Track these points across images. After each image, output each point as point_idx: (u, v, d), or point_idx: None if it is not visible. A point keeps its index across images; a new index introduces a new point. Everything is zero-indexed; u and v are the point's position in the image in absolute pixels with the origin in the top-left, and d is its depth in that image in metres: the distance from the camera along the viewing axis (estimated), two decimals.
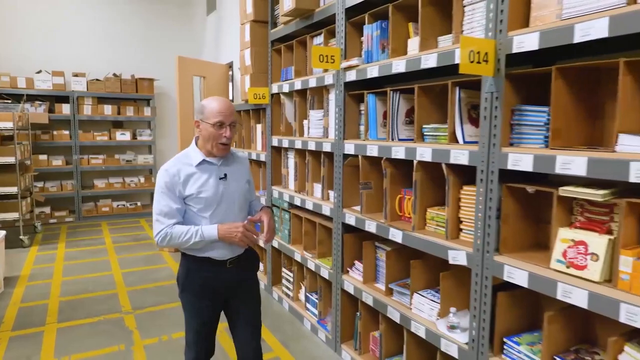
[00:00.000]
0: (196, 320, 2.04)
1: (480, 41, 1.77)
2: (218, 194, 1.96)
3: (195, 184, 1.93)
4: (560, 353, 1.72)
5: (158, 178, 1.95)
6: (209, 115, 1.91)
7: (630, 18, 1.35)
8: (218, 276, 2.01)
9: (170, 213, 1.91)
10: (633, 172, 1.36)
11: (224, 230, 1.91)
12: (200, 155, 1.97)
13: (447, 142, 2.12)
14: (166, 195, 1.91)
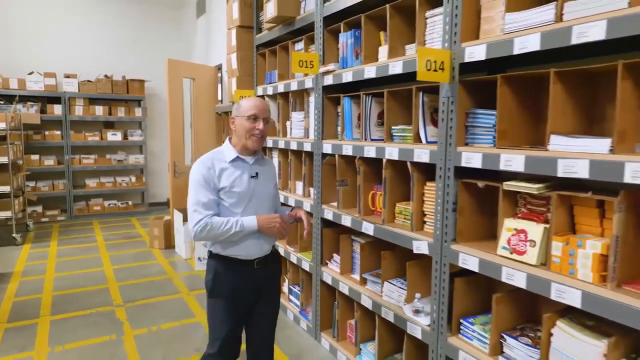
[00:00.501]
0: (226, 325, 2.02)
1: (436, 51, 1.96)
2: (250, 190, 2.01)
3: (228, 178, 1.97)
4: (508, 331, 1.92)
5: (194, 170, 1.98)
6: (244, 110, 2.00)
7: (558, 34, 1.55)
8: (247, 277, 2.03)
9: (208, 204, 1.92)
10: (560, 168, 1.56)
11: (263, 220, 1.97)
12: (233, 152, 2.02)
13: (412, 142, 2.31)
14: (203, 187, 1.93)
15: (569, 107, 1.68)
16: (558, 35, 1.55)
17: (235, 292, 2.01)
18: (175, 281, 4.55)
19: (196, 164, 1.99)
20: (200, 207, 1.92)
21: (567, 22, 1.54)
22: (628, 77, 1.44)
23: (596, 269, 1.53)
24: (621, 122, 1.45)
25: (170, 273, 4.81)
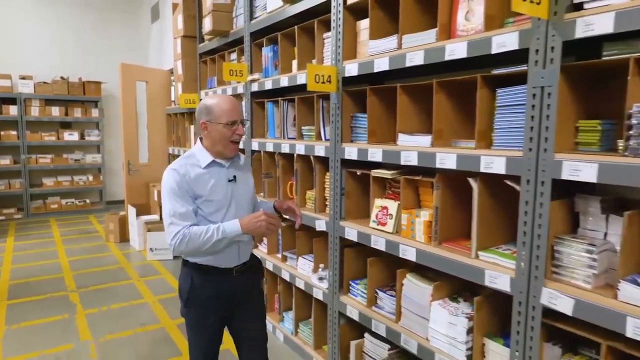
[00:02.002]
0: (203, 338, 1.93)
1: (324, 67, 2.48)
2: (228, 196, 1.87)
3: (205, 185, 1.82)
4: (381, 287, 2.45)
5: (166, 179, 1.80)
6: (219, 115, 1.82)
7: (398, 58, 2.08)
8: (225, 286, 1.90)
9: (185, 214, 1.75)
10: (402, 158, 2.09)
11: (246, 222, 1.78)
12: (208, 157, 1.86)
13: (315, 140, 2.82)
14: (178, 195, 1.77)
15: (413, 112, 2.21)
16: (398, 59, 2.08)
17: (211, 301, 1.89)
18: (127, 270, 4.92)
19: (168, 172, 1.82)
20: (177, 219, 1.74)
21: (404, 50, 2.07)
22: (441, 91, 1.98)
23: (425, 232, 2.07)
24: (437, 124, 1.99)
25: (123, 263, 5.17)
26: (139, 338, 3.33)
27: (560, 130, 1.53)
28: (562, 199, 1.60)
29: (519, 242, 1.63)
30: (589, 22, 1.38)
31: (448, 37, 1.91)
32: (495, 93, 1.78)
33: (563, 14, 1.45)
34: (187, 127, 5.01)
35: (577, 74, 1.52)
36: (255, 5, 3.42)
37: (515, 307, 1.66)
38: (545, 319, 1.59)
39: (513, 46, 1.60)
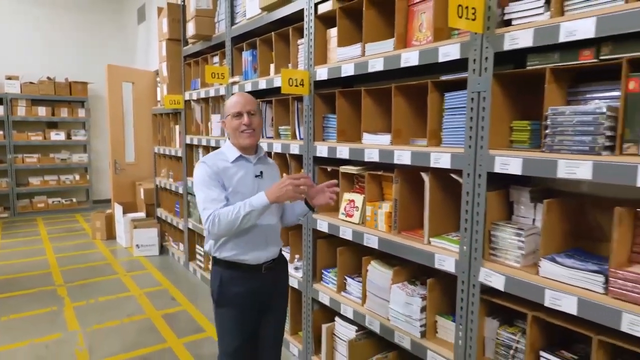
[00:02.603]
0: (236, 337, 1.94)
1: (297, 72, 2.68)
2: (255, 190, 1.89)
3: (232, 178, 1.89)
4: (350, 274, 2.66)
5: (198, 171, 1.89)
6: (227, 110, 1.94)
7: (362, 64, 2.29)
8: (254, 283, 1.93)
9: (216, 198, 1.82)
10: (366, 155, 2.30)
11: (272, 191, 1.78)
12: (235, 152, 1.94)
13: (291, 139, 3.02)
14: (209, 184, 1.84)
15: (376, 114, 2.43)
16: (362, 65, 2.30)
17: (243, 300, 1.91)
18: (114, 265, 5.07)
19: (199, 165, 1.92)
20: (209, 203, 1.81)
21: (366, 57, 2.29)
22: (399, 94, 2.20)
23: (386, 222, 2.29)
24: (396, 124, 2.21)
25: (109, 259, 5.32)
26: (125, 328, 3.50)
27: (496, 130, 1.76)
28: (498, 190, 1.82)
29: (461, 228, 1.85)
30: (515, 36, 1.61)
31: (404, 47, 2.13)
32: (444, 97, 2.00)
33: (494, 29, 1.68)
34: (173, 127, 5.17)
35: (508, 81, 1.74)
36: (236, 11, 3.61)
37: (459, 285, 1.88)
38: (484, 295, 1.81)
39: (455, 56, 1.82)
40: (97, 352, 3.11)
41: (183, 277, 4.70)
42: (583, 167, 1.43)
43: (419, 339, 2.11)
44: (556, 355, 1.64)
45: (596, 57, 1.45)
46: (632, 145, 1.36)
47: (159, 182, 5.73)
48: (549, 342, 1.71)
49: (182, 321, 3.62)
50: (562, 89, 1.62)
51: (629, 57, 1.36)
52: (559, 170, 1.49)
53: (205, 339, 3.33)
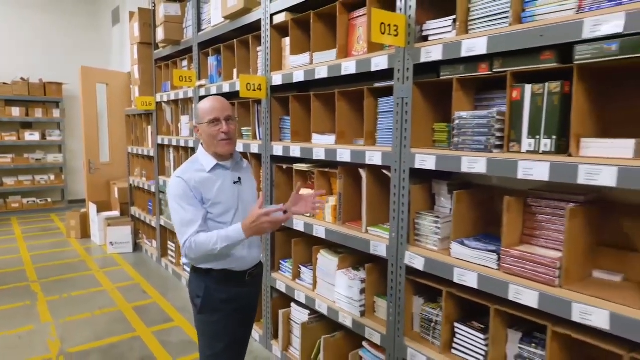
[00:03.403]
0: (220, 340, 1.90)
1: (254, 77, 2.90)
2: (235, 198, 1.87)
3: (211, 189, 1.82)
4: (303, 263, 2.89)
5: (172, 187, 1.80)
6: (203, 116, 1.83)
7: (310, 71, 2.53)
8: (239, 289, 1.91)
9: (192, 220, 1.75)
10: (314, 153, 2.54)
11: (247, 226, 1.71)
12: (212, 160, 1.86)
13: (252, 139, 3.25)
14: (184, 202, 1.77)
15: (325, 116, 2.67)
16: (310, 72, 2.54)
17: (228, 306, 1.88)
18: (88, 262, 5.21)
19: (174, 179, 1.82)
20: (184, 227, 1.75)
21: (314, 65, 2.53)
22: (342, 99, 2.44)
23: (332, 214, 2.53)
24: (339, 126, 2.45)
25: (84, 256, 5.45)
26: (96, 319, 3.67)
27: (419, 131, 2.01)
28: (422, 184, 2.08)
29: (390, 217, 2.11)
30: (429, 50, 1.87)
31: (345, 56, 2.38)
32: (378, 102, 2.25)
33: (414, 43, 1.93)
34: (145, 127, 5.34)
35: (427, 89, 2.00)
36: (202, 19, 3.82)
37: (389, 268, 2.14)
38: (410, 276, 2.07)
39: (384, 66, 2.08)
40: (68, 341, 3.28)
41: (155, 273, 4.87)
42: (480, 162, 1.69)
43: (359, 318, 2.36)
44: (467, 326, 1.91)
45: (490, 69, 1.71)
46: (516, 144, 1.63)
47: (133, 181, 5.88)
48: (464, 315, 1.97)
49: (152, 312, 3.81)
50: (469, 96, 1.89)
51: (513, 70, 1.63)
52: (462, 165, 1.75)
53: (173, 327, 3.52)
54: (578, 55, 1.41)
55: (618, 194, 1.65)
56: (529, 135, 1.59)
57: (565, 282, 1.53)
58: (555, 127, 1.51)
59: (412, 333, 2.14)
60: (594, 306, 1.41)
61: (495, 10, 1.68)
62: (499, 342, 1.80)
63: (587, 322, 1.42)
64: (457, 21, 1.79)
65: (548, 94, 1.52)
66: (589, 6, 1.39)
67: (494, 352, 1.79)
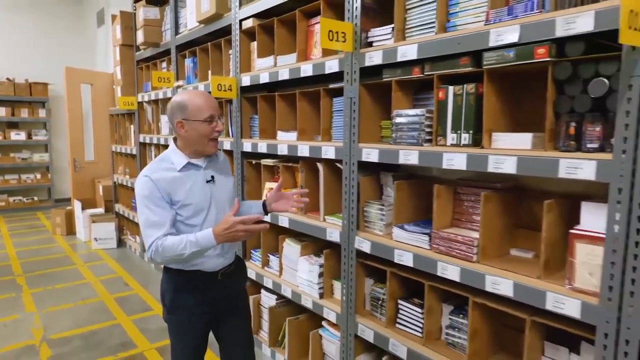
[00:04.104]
0: (189, 345, 1.86)
1: (225, 79, 3.10)
2: (207, 198, 1.77)
3: (181, 189, 1.72)
4: (271, 252, 3.10)
5: (139, 186, 1.70)
6: (196, 113, 1.70)
7: (274, 73, 2.74)
8: (209, 290, 1.83)
9: (158, 222, 1.67)
10: (279, 149, 2.75)
11: (219, 233, 1.63)
12: (183, 158, 1.76)
13: (225, 137, 3.45)
14: (151, 203, 1.68)
15: (289, 114, 2.88)
16: (274, 74, 2.74)
17: (195, 307, 1.81)
18: (72, 257, 5.37)
19: (141, 178, 1.71)
20: (150, 229, 1.67)
21: (277, 68, 2.74)
22: (302, 99, 2.65)
23: None
24: (300, 123, 2.66)
25: (68, 252, 5.61)
26: (79, 309, 3.84)
27: (368, 127, 2.23)
28: (370, 175, 2.30)
29: (342, 205, 2.32)
30: (372, 55, 2.08)
31: (304, 60, 2.59)
32: (333, 101, 2.46)
33: (360, 49, 2.15)
34: (128, 126, 5.51)
35: (373, 89, 2.22)
36: (180, 22, 4.01)
37: (342, 252, 2.35)
38: (360, 259, 2.28)
39: (336, 69, 2.29)
40: (51, 329, 3.46)
41: (138, 266, 5.05)
42: (413, 155, 1.91)
43: (318, 299, 2.57)
44: (409, 302, 2.13)
45: (422, 72, 1.93)
46: (442, 138, 1.85)
47: (117, 179, 6.04)
48: (407, 293, 2.19)
49: (133, 303, 3.99)
50: (408, 96, 2.11)
51: (438, 73, 1.85)
52: (400, 158, 1.97)
53: (152, 316, 3.71)
54: (485, 60, 1.63)
55: (532, 182, 1.88)
56: (452, 130, 1.81)
57: (482, 258, 1.75)
58: (472, 123, 1.73)
59: (363, 311, 2.36)
60: (502, 277, 1.63)
61: (425, 20, 1.90)
62: (434, 315, 2.02)
63: (496, 291, 1.65)
64: (395, 29, 2.01)
65: (466, 94, 1.75)
66: (493, 19, 1.62)
67: (429, 324, 2.01)
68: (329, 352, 2.59)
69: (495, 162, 1.61)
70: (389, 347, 2.12)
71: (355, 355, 2.36)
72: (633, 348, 1.32)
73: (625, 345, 1.33)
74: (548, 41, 1.46)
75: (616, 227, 1.33)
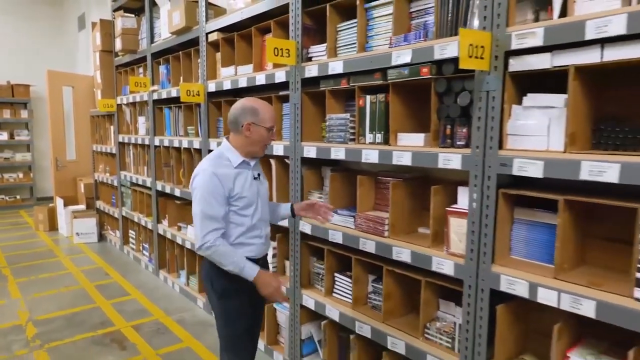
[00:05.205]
0: (243, 327, 2.03)
1: (194, 85, 3.49)
2: (256, 192, 2.02)
3: (238, 183, 1.94)
4: None
5: (203, 181, 1.88)
6: (264, 120, 1.94)
7: (235, 81, 3.14)
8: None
9: (215, 216, 1.87)
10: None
11: (262, 280, 1.90)
12: (239, 157, 1.97)
13: (195, 137, 3.83)
14: (212, 197, 1.86)
15: None
16: (235, 82, 3.14)
17: (246, 289, 1.95)
18: (55, 251, 5.68)
19: (203, 173, 1.90)
20: (207, 220, 1.86)
21: (237, 76, 3.13)
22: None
23: None
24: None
25: (51, 246, 5.92)
26: (61, 295, 4.18)
27: (310, 128, 2.64)
28: (313, 169, 2.71)
29: (289, 195, 2.73)
30: (310, 69, 2.50)
31: (260, 70, 2.99)
32: (282, 106, 2.87)
33: (301, 62, 2.56)
34: (108, 127, 5.84)
35: (314, 96, 2.63)
36: (155, 32, 4.38)
37: (290, 235, 2.76)
38: (304, 240, 2.70)
39: (283, 79, 2.70)
40: (36, 311, 3.80)
41: (118, 258, 5.39)
42: (341, 151, 2.33)
43: None
44: (342, 274, 2.55)
45: (348, 84, 2.35)
46: (362, 137, 2.27)
47: (98, 176, 6.36)
48: (343, 267, 2.61)
49: (112, 289, 4.34)
50: (340, 103, 2.53)
51: (359, 85, 2.27)
52: (331, 153, 2.39)
53: (129, 300, 4.07)
54: (389, 76, 2.06)
55: (434, 172, 2.31)
56: (369, 131, 2.23)
57: (391, 234, 2.18)
58: (383, 126, 2.16)
59: (308, 285, 2.77)
60: (403, 248, 2.06)
61: (350, 41, 2.32)
62: (360, 284, 2.45)
63: (400, 259, 2.08)
64: (328, 48, 2.43)
65: (378, 102, 2.17)
66: (395, 43, 2.05)
67: (357, 291, 2.43)
68: (282, 322, 3.00)
69: (397, 156, 2.04)
70: (325, 312, 2.54)
71: (301, 323, 2.77)
72: (486, 295, 1.76)
73: (481, 292, 1.77)
74: (429, 62, 1.89)
75: (474, 204, 1.77)
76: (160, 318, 3.69)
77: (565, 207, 1.57)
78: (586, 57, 1.45)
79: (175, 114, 4.15)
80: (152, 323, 3.60)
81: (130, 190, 5.26)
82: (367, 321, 2.30)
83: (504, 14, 1.62)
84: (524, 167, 1.60)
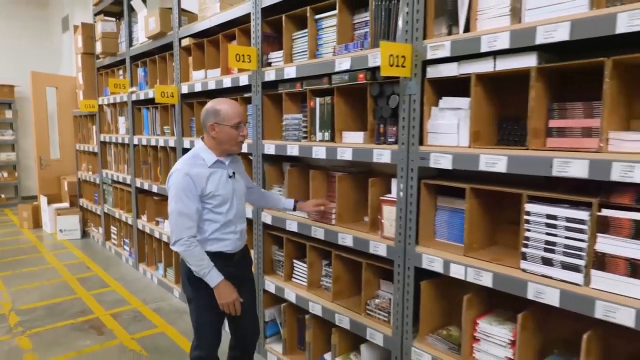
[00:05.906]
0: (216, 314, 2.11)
1: (168, 87, 3.72)
2: (231, 191, 2.09)
3: (212, 182, 2.01)
4: None
5: (177, 180, 1.97)
6: (227, 118, 2.02)
7: (204, 84, 3.37)
8: (228, 269, 2.07)
9: (189, 214, 1.96)
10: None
11: (222, 290, 2.01)
12: (213, 156, 2.06)
13: (171, 136, 4.05)
14: (185, 196, 1.95)
15: None
16: (204, 84, 3.37)
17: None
18: (39, 247, 5.86)
19: (179, 173, 1.98)
20: (181, 217, 1.95)
21: (207, 79, 3.37)
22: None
23: None
24: None
25: (35, 242, 6.09)
26: (43, 287, 4.38)
27: (271, 128, 2.89)
28: (274, 165, 2.96)
29: None
30: (269, 73, 2.75)
31: (227, 74, 3.23)
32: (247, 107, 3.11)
33: (262, 67, 2.80)
34: (90, 127, 6.03)
35: (274, 98, 2.87)
36: (133, 36, 4.59)
37: (253, 226, 3.01)
38: (267, 230, 2.94)
39: (246, 82, 2.94)
40: (19, 302, 4.00)
41: (100, 253, 5.59)
42: (295, 148, 2.58)
43: None
44: (300, 261, 2.80)
45: (302, 87, 2.60)
46: (313, 136, 2.52)
47: (81, 175, 6.54)
48: (301, 255, 2.86)
49: (93, 282, 4.55)
50: (296, 104, 2.78)
51: (310, 88, 2.52)
52: (287, 150, 2.64)
53: (109, 291, 4.28)
54: (334, 81, 2.31)
55: (377, 167, 2.56)
56: (319, 130, 2.48)
57: (338, 222, 2.43)
58: (330, 125, 2.41)
59: (270, 271, 3.02)
60: (347, 234, 2.32)
61: (303, 49, 2.57)
62: (315, 268, 2.70)
63: (344, 243, 2.33)
64: (284, 54, 2.68)
65: (326, 104, 2.42)
66: (338, 52, 2.30)
67: (311, 275, 2.68)
68: None
69: (341, 152, 2.29)
70: (285, 296, 2.79)
71: (265, 307, 3.02)
72: (412, 272, 2.02)
73: (408, 270, 2.03)
74: (365, 69, 2.15)
75: (401, 193, 2.03)
76: (138, 307, 3.91)
77: (472, 194, 1.84)
78: (483, 67, 1.72)
79: (152, 114, 4.37)
80: (129, 311, 3.82)
81: (111, 188, 5.46)
82: (319, 301, 2.55)
83: (421, 28, 1.89)
84: (438, 160, 1.86)
